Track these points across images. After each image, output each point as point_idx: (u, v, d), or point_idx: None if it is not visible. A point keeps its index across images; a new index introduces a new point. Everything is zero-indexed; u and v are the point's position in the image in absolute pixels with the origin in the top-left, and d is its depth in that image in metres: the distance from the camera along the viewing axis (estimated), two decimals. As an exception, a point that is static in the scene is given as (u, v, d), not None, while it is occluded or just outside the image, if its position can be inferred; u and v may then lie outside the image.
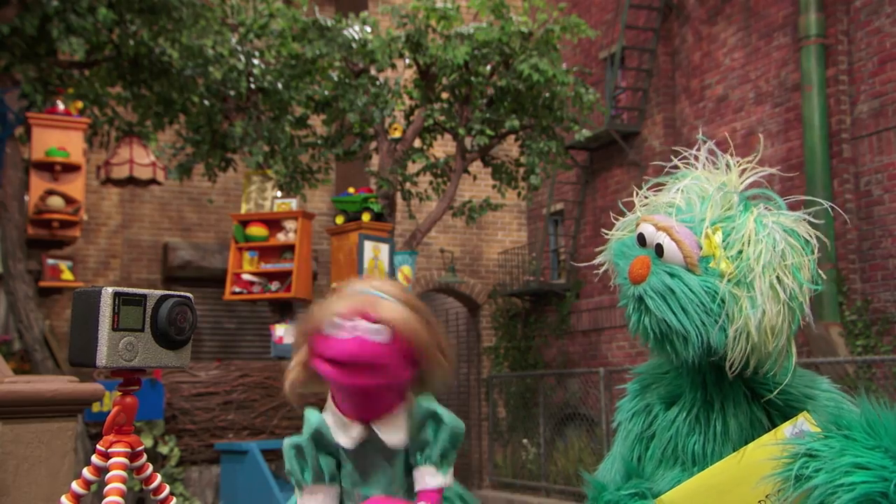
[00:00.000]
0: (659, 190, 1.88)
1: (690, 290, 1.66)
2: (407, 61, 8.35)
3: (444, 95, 8.43)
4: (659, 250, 1.72)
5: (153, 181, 8.54)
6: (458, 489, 2.04)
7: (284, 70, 8.22)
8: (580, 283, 11.22)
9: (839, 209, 1.83)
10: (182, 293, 1.78)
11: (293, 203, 8.23)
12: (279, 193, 8.33)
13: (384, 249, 7.72)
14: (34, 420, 3.22)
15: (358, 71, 8.30)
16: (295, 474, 1.95)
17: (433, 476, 1.94)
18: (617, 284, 1.85)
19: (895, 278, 7.55)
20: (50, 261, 9.09)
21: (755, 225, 1.68)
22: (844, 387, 1.86)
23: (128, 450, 1.77)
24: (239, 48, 8.11)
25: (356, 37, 8.10)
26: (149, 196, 10.71)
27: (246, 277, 8.04)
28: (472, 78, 8.05)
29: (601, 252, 1.94)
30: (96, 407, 6.20)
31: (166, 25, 7.27)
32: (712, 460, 1.73)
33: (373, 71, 8.36)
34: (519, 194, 9.06)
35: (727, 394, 1.76)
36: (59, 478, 3.23)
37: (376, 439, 1.92)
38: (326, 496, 1.95)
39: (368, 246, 7.62)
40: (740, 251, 1.66)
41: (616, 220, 1.94)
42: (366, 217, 7.82)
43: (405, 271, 7.72)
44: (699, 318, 1.65)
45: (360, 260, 7.51)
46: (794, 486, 1.52)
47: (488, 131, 7.98)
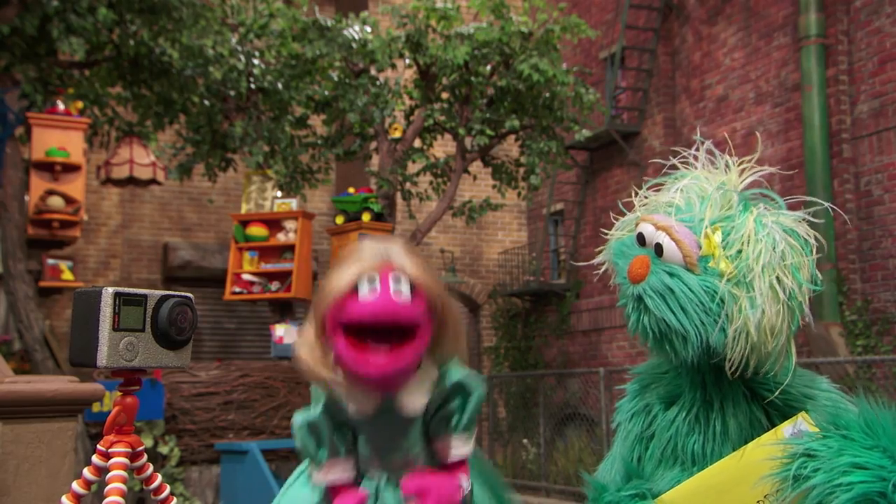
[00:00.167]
0: (659, 190, 1.88)
1: (690, 290, 1.66)
2: (407, 61, 8.34)
3: (444, 95, 8.42)
4: (658, 250, 1.72)
5: (153, 181, 8.54)
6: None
7: (284, 70, 8.22)
8: (580, 283, 11.22)
9: (839, 210, 1.82)
10: (182, 293, 1.78)
11: (293, 203, 8.23)
12: (279, 193, 8.33)
13: (384, 249, 7.70)
14: (34, 420, 3.22)
15: (358, 71, 8.30)
16: (309, 451, 1.87)
17: (462, 445, 1.89)
18: (616, 284, 1.85)
19: (895, 278, 7.55)
20: (50, 261, 9.09)
21: (755, 224, 1.68)
22: (844, 387, 1.86)
23: (128, 450, 1.77)
24: (239, 48, 8.11)
25: (356, 37, 8.09)
26: (149, 196, 10.71)
27: (246, 277, 8.04)
28: (472, 78, 8.04)
29: (601, 252, 1.94)
30: (96, 407, 6.20)
31: (166, 25, 7.27)
32: (712, 460, 1.73)
33: (373, 71, 8.35)
34: (519, 194, 9.06)
35: (726, 394, 1.76)
36: (60, 478, 3.23)
37: (393, 408, 1.85)
38: (344, 468, 1.88)
39: (369, 246, 7.60)
40: (740, 251, 1.66)
41: (616, 220, 1.94)
42: (366, 217, 7.82)
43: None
44: (698, 318, 1.65)
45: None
46: (793, 486, 1.52)
47: (488, 131, 7.97)
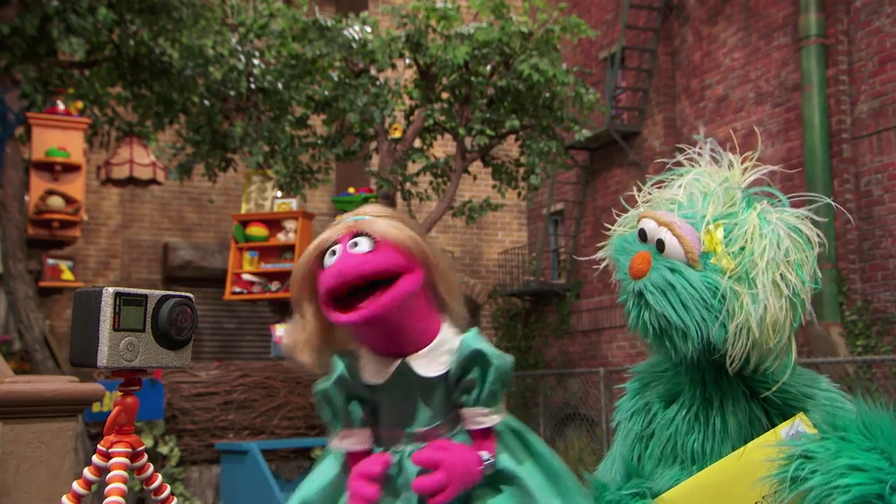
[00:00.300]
0: (661, 186, 1.87)
1: (691, 286, 1.65)
2: (407, 61, 8.34)
3: (444, 95, 8.42)
4: (660, 246, 1.71)
5: (153, 181, 8.54)
6: (510, 421, 1.96)
7: (284, 70, 8.22)
8: (580, 283, 11.22)
9: (841, 208, 1.81)
10: (183, 293, 1.78)
11: (293, 203, 8.23)
12: (279, 193, 8.32)
13: (384, 249, 7.70)
14: (34, 420, 3.22)
15: (358, 71, 8.30)
16: (325, 418, 1.91)
17: (484, 416, 1.88)
18: (617, 280, 1.84)
19: (895, 278, 7.55)
20: (50, 261, 9.09)
21: (758, 221, 1.67)
22: (844, 387, 1.85)
23: (128, 450, 1.77)
24: (239, 48, 8.11)
25: (356, 37, 8.09)
26: (149, 196, 10.71)
27: (246, 277, 8.04)
28: (473, 78, 8.04)
29: (602, 248, 1.93)
30: (97, 407, 6.20)
31: (166, 25, 7.27)
32: (711, 458, 1.73)
33: (373, 71, 8.35)
34: (519, 194, 9.06)
35: (726, 392, 1.76)
36: (60, 478, 3.23)
37: (410, 372, 1.84)
38: (359, 438, 1.89)
39: (368, 246, 7.60)
40: (742, 247, 1.65)
41: (618, 218, 1.94)
42: (366, 217, 7.81)
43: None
44: (699, 314, 1.64)
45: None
46: (791, 488, 1.52)
47: (488, 131, 7.97)
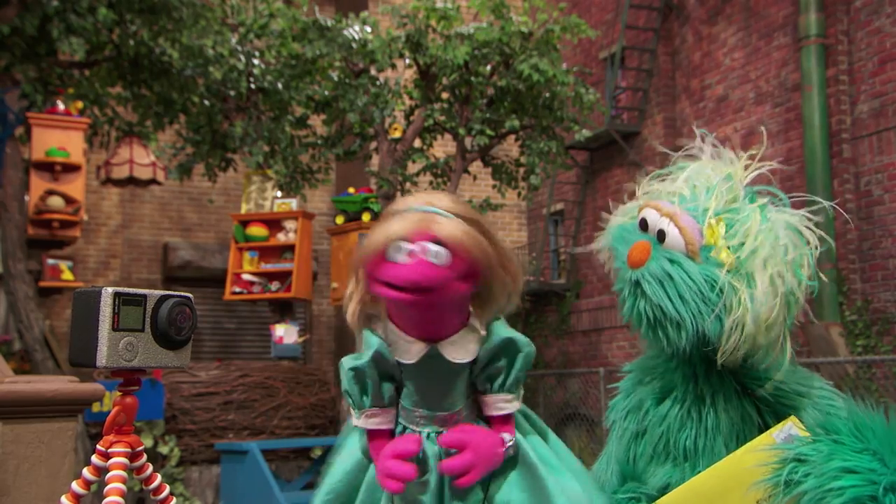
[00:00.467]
0: (663, 179, 1.86)
1: (690, 278, 1.64)
2: (407, 61, 8.34)
3: (444, 95, 8.42)
4: (661, 236, 1.70)
5: (153, 181, 8.54)
6: (521, 407, 1.97)
7: (284, 70, 8.22)
8: (580, 283, 11.22)
9: (841, 210, 1.81)
10: (182, 293, 1.77)
11: (293, 203, 8.23)
12: (279, 193, 8.33)
13: (384, 249, 7.71)
14: (34, 420, 3.21)
15: (358, 71, 8.29)
16: (353, 397, 1.88)
17: (507, 402, 1.88)
18: (614, 269, 1.83)
19: (895, 278, 7.55)
20: (50, 261, 9.09)
21: (760, 218, 1.67)
22: (844, 387, 1.85)
23: (128, 450, 1.77)
24: (239, 48, 8.11)
25: (356, 37, 8.09)
26: (149, 196, 10.71)
27: (246, 277, 8.04)
28: (472, 78, 8.04)
29: (601, 236, 1.92)
30: (96, 407, 6.20)
31: (166, 25, 7.27)
32: (703, 455, 1.72)
33: (373, 71, 8.35)
34: (519, 194, 9.06)
35: (718, 388, 1.75)
36: (60, 478, 3.23)
37: (439, 357, 1.84)
38: (384, 418, 1.89)
39: (368, 246, 7.59)
40: (742, 243, 1.64)
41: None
42: (366, 217, 7.82)
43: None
44: (696, 307, 1.64)
45: (361, 260, 7.49)
46: (784, 492, 1.51)
47: (488, 131, 7.97)
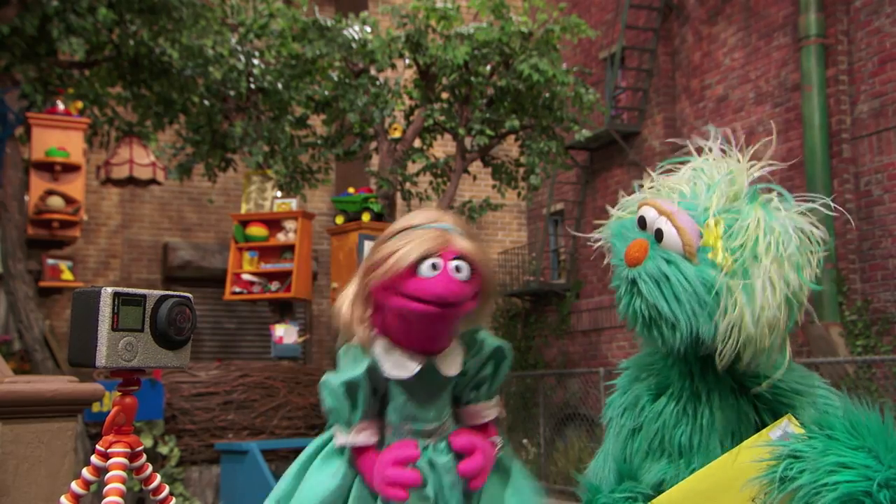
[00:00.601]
0: (668, 173, 1.85)
1: (686, 279, 1.63)
2: (407, 61, 8.33)
3: (444, 95, 8.42)
4: (658, 235, 1.69)
5: (153, 181, 8.53)
6: None
7: (284, 70, 8.21)
8: (580, 283, 11.21)
9: (842, 209, 1.79)
10: (182, 293, 1.77)
11: (293, 203, 8.22)
12: (279, 193, 8.32)
13: (384, 249, 7.70)
14: (34, 420, 3.21)
15: (358, 71, 8.29)
16: (341, 412, 1.88)
17: (490, 409, 1.96)
18: (612, 265, 1.82)
19: (895, 278, 7.55)
20: (50, 261, 9.08)
21: (763, 217, 1.65)
22: (844, 387, 1.85)
23: (127, 450, 1.77)
24: (239, 48, 8.10)
25: (356, 37, 8.09)
26: (149, 196, 10.71)
27: (246, 277, 8.04)
28: (472, 78, 8.04)
29: (600, 228, 1.91)
30: (96, 407, 6.19)
31: (166, 25, 7.27)
32: (699, 452, 1.72)
33: (373, 71, 8.35)
34: (519, 194, 9.05)
35: (714, 386, 1.74)
36: (59, 478, 3.23)
37: (433, 371, 1.89)
38: (373, 431, 1.91)
39: (368, 246, 7.58)
40: (743, 244, 1.63)
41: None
42: (366, 217, 7.81)
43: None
44: (691, 308, 1.62)
45: (360, 260, 7.51)
46: (779, 488, 1.51)
47: (488, 131, 7.96)
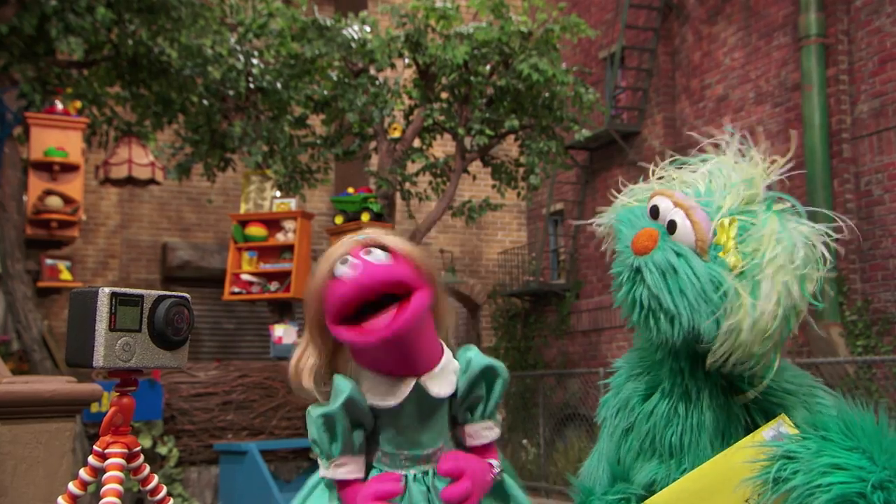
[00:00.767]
0: (681, 166, 1.82)
1: (695, 275, 1.61)
2: (406, 61, 8.33)
3: (444, 95, 8.41)
4: (671, 227, 1.66)
5: (152, 181, 8.52)
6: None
7: (283, 70, 8.20)
8: (580, 283, 11.21)
9: (844, 218, 1.76)
10: (179, 293, 1.76)
11: (292, 203, 8.21)
12: (278, 193, 8.31)
13: (384, 249, 7.69)
14: (32, 420, 3.20)
15: (357, 70, 8.28)
16: (321, 445, 1.86)
17: (489, 430, 1.92)
18: (615, 251, 1.79)
19: (895, 278, 7.54)
20: (48, 261, 9.06)
21: (778, 226, 1.63)
22: (844, 387, 1.83)
23: (124, 450, 1.76)
24: (238, 48, 8.09)
25: (355, 36, 8.08)
26: (148, 196, 10.69)
27: (245, 277, 8.02)
28: (472, 78, 8.03)
29: (602, 213, 1.87)
30: (95, 407, 6.17)
31: (165, 25, 7.25)
32: (689, 452, 1.70)
33: (372, 70, 8.34)
34: (519, 194, 9.04)
35: (704, 385, 1.72)
36: (58, 478, 3.22)
37: (423, 394, 1.84)
38: (354, 466, 1.87)
39: (368, 246, 7.58)
40: (756, 249, 1.60)
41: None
42: (365, 217, 7.80)
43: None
44: (695, 304, 1.60)
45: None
46: (773, 489, 1.50)
47: (488, 131, 7.96)
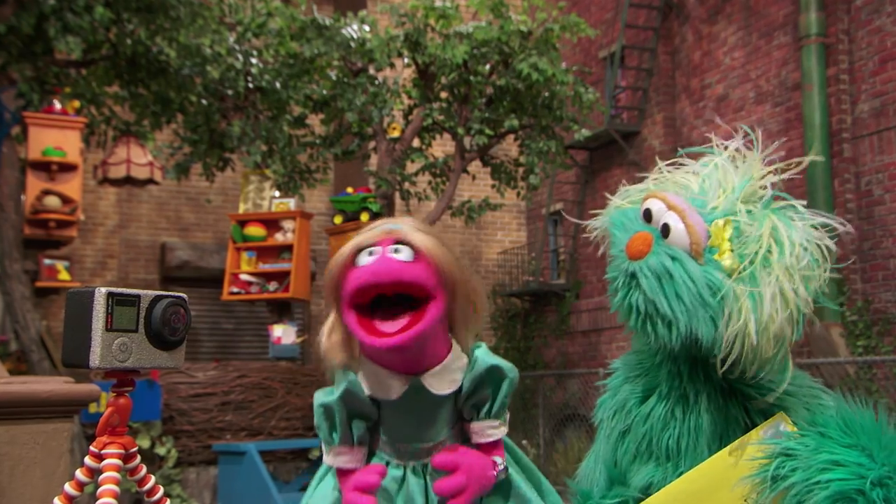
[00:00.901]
0: (678, 167, 1.80)
1: (690, 279, 1.58)
2: (406, 60, 8.31)
3: (443, 95, 8.40)
4: (665, 230, 1.64)
5: (150, 181, 8.51)
6: (506, 440, 1.99)
7: (282, 69, 8.19)
8: (580, 284, 11.20)
9: (845, 222, 1.73)
10: (176, 293, 1.75)
11: (291, 203, 8.20)
12: (277, 193, 8.30)
13: (383, 249, 7.68)
14: (30, 421, 3.19)
15: (356, 70, 8.27)
16: (322, 433, 1.88)
17: (494, 429, 1.89)
18: (609, 255, 1.77)
19: (895, 278, 7.54)
20: (47, 261, 9.05)
21: (777, 226, 1.61)
22: (844, 387, 1.82)
23: (121, 451, 1.74)
24: (237, 47, 8.08)
25: (355, 36, 8.07)
26: (146, 196, 10.68)
27: (244, 277, 8.01)
28: (472, 77, 8.02)
29: (597, 216, 1.85)
30: (93, 408, 6.16)
31: (164, 24, 7.24)
32: (686, 455, 1.69)
33: (371, 70, 8.33)
34: (518, 194, 9.03)
35: (702, 388, 1.70)
36: (55, 479, 3.20)
37: (423, 390, 1.82)
38: (352, 457, 1.87)
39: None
40: (756, 251, 1.58)
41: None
42: (364, 217, 7.79)
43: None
44: (692, 308, 1.57)
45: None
46: (771, 487, 1.49)
47: (487, 131, 7.95)
